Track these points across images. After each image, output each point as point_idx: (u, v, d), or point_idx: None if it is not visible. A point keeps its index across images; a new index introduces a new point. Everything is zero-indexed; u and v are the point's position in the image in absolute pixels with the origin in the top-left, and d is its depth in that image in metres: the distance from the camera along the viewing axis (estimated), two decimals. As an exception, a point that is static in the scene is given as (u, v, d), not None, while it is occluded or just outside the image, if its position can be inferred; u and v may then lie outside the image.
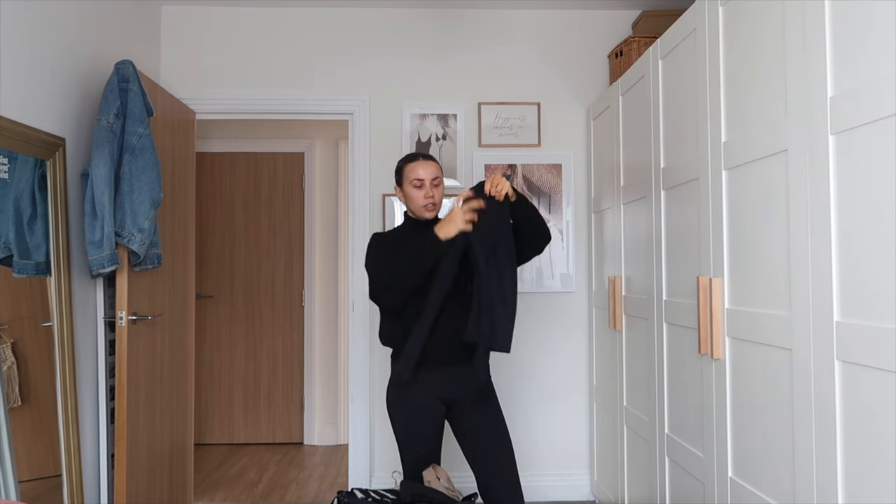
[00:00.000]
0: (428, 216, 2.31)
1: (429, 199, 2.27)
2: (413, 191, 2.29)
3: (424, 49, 3.50)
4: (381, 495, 2.12)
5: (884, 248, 1.27)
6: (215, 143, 4.64)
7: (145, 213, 2.56)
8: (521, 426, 3.43)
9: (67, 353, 2.43)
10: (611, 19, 3.54)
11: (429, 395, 2.23)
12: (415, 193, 2.29)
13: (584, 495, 3.43)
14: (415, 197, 2.29)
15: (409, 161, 2.33)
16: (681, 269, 2.21)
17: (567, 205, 3.47)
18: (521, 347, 3.45)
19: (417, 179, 2.27)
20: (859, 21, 1.33)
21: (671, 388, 2.30)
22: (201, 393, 4.56)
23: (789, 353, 1.57)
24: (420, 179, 2.27)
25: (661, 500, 2.37)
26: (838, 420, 1.39)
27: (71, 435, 2.44)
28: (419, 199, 2.28)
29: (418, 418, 2.23)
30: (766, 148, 1.66)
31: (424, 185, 2.27)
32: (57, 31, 2.49)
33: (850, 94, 1.34)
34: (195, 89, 3.44)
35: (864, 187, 1.32)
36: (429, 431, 2.24)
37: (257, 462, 4.18)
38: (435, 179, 2.29)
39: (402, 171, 2.32)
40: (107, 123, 2.48)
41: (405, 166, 2.32)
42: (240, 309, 4.60)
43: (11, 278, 2.23)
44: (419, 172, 2.28)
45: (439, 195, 2.31)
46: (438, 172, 2.31)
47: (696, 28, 2.07)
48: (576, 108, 3.51)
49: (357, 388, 3.40)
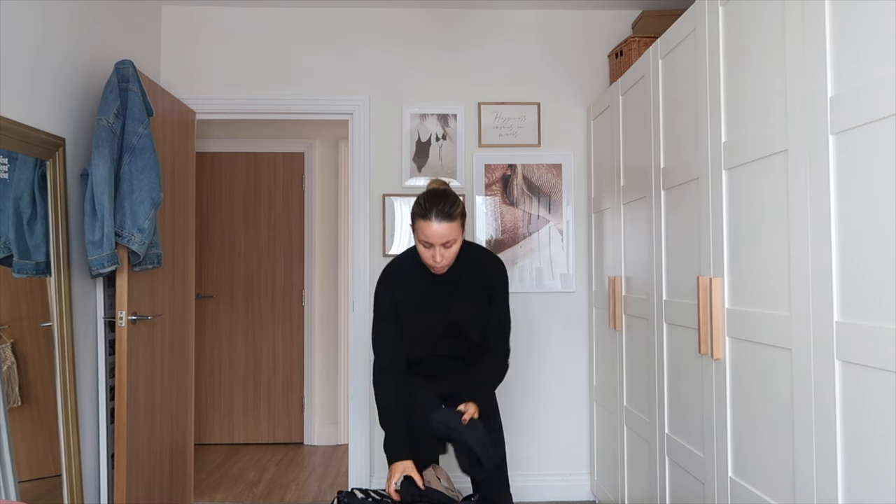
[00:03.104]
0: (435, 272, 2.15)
1: (435, 262, 2.09)
2: (421, 248, 2.10)
3: (424, 49, 3.50)
4: (381, 495, 2.12)
5: (884, 247, 1.26)
6: (215, 143, 4.64)
7: (145, 213, 2.56)
8: (522, 426, 3.43)
9: (67, 353, 2.43)
10: (611, 19, 3.54)
11: (428, 394, 2.25)
12: (423, 251, 2.10)
13: (584, 495, 3.43)
14: (423, 254, 2.11)
15: (421, 217, 2.06)
16: (681, 269, 2.21)
17: (567, 205, 3.47)
18: (521, 347, 3.45)
19: (426, 242, 2.07)
20: (859, 21, 1.33)
21: (671, 388, 2.30)
22: (201, 393, 4.56)
23: (789, 353, 1.57)
24: (429, 242, 2.06)
25: (661, 500, 2.37)
26: (838, 420, 1.39)
27: (71, 435, 2.44)
28: (426, 259, 2.11)
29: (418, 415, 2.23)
30: (766, 148, 1.66)
31: (433, 248, 2.07)
32: (57, 31, 2.49)
33: (850, 94, 1.34)
34: (195, 89, 3.44)
35: (863, 187, 1.32)
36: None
37: (257, 462, 4.18)
38: (447, 243, 2.06)
39: (414, 222, 2.09)
40: (107, 123, 2.48)
41: (417, 221, 2.07)
42: (240, 309, 4.61)
43: (11, 278, 2.23)
44: (428, 235, 2.05)
45: (450, 256, 2.09)
46: (452, 234, 2.05)
47: (696, 28, 2.07)
48: (576, 108, 3.51)
49: (357, 388, 3.40)
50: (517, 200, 3.46)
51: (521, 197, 3.46)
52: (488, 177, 3.45)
